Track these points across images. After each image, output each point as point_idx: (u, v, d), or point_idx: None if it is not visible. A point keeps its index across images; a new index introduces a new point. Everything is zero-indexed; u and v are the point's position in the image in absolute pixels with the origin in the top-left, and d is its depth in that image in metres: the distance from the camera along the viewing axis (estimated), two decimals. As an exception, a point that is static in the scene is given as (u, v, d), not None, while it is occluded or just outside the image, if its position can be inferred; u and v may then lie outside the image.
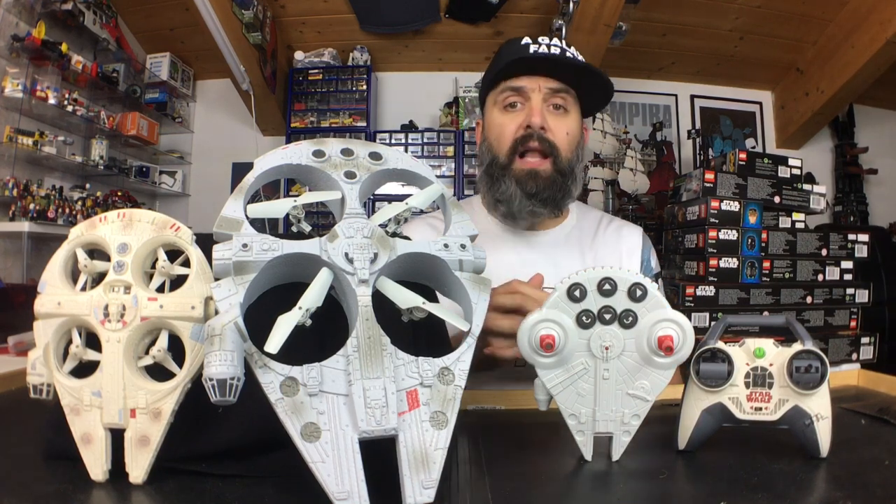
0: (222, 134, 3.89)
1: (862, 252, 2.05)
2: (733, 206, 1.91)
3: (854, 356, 1.97)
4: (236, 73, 3.23)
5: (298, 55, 3.71)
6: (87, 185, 3.15)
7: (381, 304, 0.51)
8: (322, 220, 3.02)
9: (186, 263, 0.54)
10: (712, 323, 1.39)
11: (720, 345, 0.57)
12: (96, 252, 0.55)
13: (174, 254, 0.55)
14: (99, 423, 0.50)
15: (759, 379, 0.56)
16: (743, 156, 2.01)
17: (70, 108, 2.83)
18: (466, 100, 3.71)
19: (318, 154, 0.58)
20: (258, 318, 0.48)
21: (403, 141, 3.63)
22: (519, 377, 0.94)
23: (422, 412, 0.48)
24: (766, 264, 1.93)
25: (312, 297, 0.49)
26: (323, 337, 0.52)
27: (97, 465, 0.50)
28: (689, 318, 0.79)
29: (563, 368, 0.55)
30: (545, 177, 0.96)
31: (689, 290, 1.84)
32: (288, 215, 0.55)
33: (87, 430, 0.50)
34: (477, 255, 0.57)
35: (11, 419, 0.67)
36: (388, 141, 3.61)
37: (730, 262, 1.89)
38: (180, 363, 0.51)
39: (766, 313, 1.84)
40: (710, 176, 1.94)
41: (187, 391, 0.51)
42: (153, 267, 0.54)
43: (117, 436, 0.50)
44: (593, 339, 0.55)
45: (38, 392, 0.52)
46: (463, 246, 0.57)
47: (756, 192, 1.98)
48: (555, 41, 0.98)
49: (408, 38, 3.62)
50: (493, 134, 1.01)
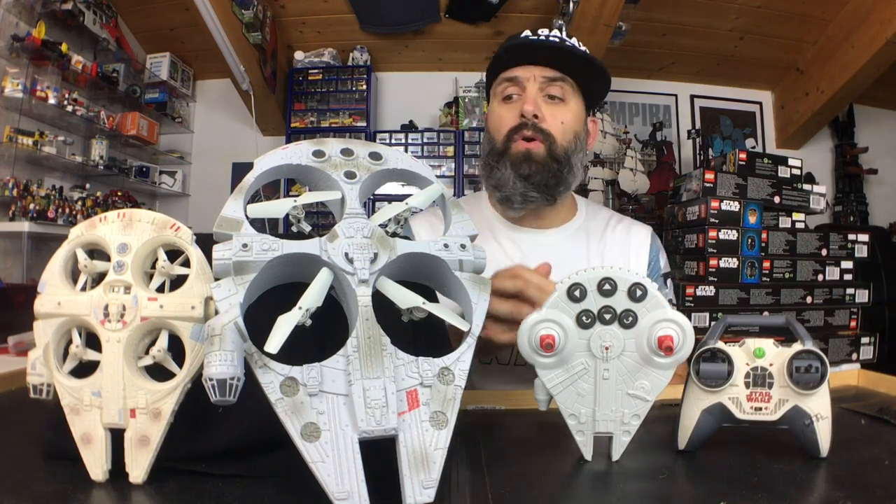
0: (222, 134, 3.89)
1: (862, 252, 2.05)
2: (733, 206, 1.91)
3: (854, 356, 1.97)
4: (236, 73, 3.23)
5: (298, 55, 3.71)
6: (87, 185, 3.15)
7: (381, 304, 0.51)
8: (322, 220, 3.02)
9: (186, 263, 0.54)
10: (712, 323, 1.39)
11: (720, 345, 0.57)
12: (96, 252, 0.55)
13: (174, 254, 0.55)
14: (99, 423, 0.50)
15: (759, 379, 0.56)
16: (743, 156, 2.01)
17: (70, 108, 2.82)
18: (466, 100, 3.71)
19: (318, 154, 0.58)
20: (258, 318, 0.48)
21: (403, 141, 3.63)
22: (520, 378, 0.94)
23: (422, 412, 0.48)
24: (766, 264, 1.93)
25: (312, 297, 0.49)
26: (323, 337, 0.52)
27: (97, 465, 0.50)
28: (689, 318, 0.79)
29: (563, 368, 0.55)
30: (538, 160, 0.97)
31: (689, 290, 1.84)
32: (288, 215, 0.55)
33: (87, 430, 0.50)
34: (477, 255, 0.57)
35: (11, 419, 0.67)
36: (388, 141, 3.61)
37: (730, 262, 1.89)
38: (180, 363, 0.51)
39: (766, 313, 1.84)
40: (710, 176, 1.94)
41: (187, 391, 0.51)
42: (153, 267, 0.54)
43: (117, 436, 0.50)
44: (593, 339, 0.55)
45: (38, 392, 0.52)
46: (463, 246, 0.57)
47: (756, 192, 1.98)
48: (555, 32, 1.00)
49: (408, 38, 3.62)
50: (493, 125, 1.04)
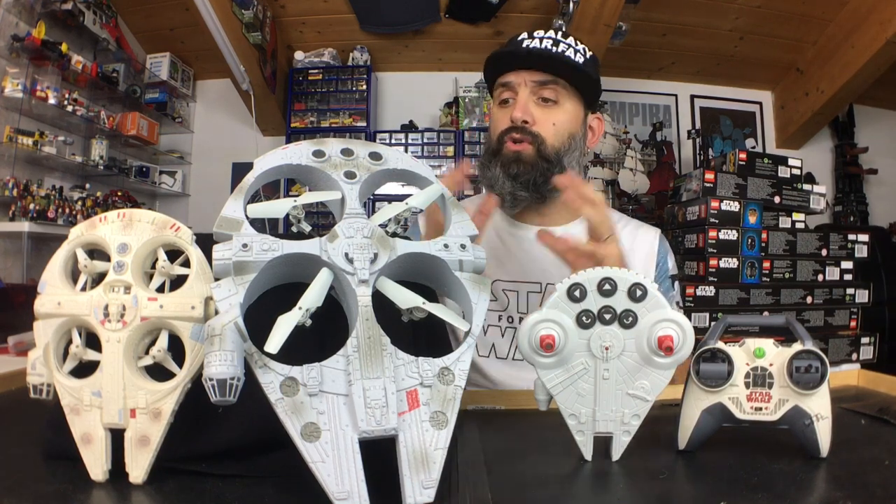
0: (222, 134, 3.89)
1: (862, 252, 2.05)
2: (733, 206, 1.91)
3: (854, 356, 1.97)
4: (236, 73, 3.23)
5: (298, 55, 3.71)
6: (87, 185, 3.15)
7: (381, 304, 0.51)
8: (322, 220, 3.02)
9: (186, 263, 0.54)
10: (712, 323, 1.39)
11: (720, 345, 0.57)
12: (96, 252, 0.55)
13: (174, 254, 0.55)
14: (99, 423, 0.50)
15: (759, 379, 0.56)
16: (743, 156, 2.01)
17: (70, 108, 2.82)
18: (466, 100, 3.70)
19: (318, 154, 0.58)
20: (258, 318, 0.48)
21: (403, 141, 3.63)
22: (519, 370, 0.96)
23: (422, 412, 0.48)
24: (766, 264, 1.93)
25: (312, 297, 0.49)
26: (323, 337, 0.52)
27: (97, 465, 0.50)
28: (689, 318, 0.79)
29: (563, 368, 0.55)
30: (527, 160, 0.99)
31: (689, 290, 1.84)
32: (288, 215, 0.55)
33: (87, 430, 0.50)
34: (477, 255, 0.57)
35: (11, 419, 0.67)
36: (388, 141, 3.61)
37: (730, 262, 1.89)
38: (180, 363, 0.51)
39: (766, 313, 1.84)
40: (710, 176, 1.94)
41: (187, 391, 0.51)
42: (153, 267, 0.54)
43: (117, 436, 0.50)
44: (593, 339, 0.55)
45: (38, 392, 0.52)
46: (463, 246, 0.57)
47: (756, 192, 1.98)
48: (549, 34, 1.01)
49: (408, 38, 3.62)
50: (491, 127, 1.09)
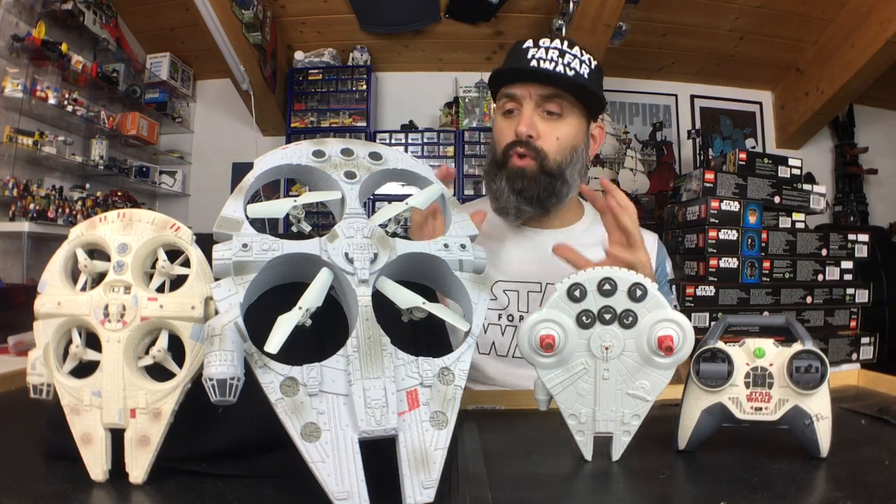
0: (222, 134, 3.89)
1: (862, 252, 2.05)
2: (733, 206, 1.90)
3: (854, 356, 1.97)
4: (236, 73, 3.23)
5: (298, 55, 3.70)
6: (87, 185, 3.14)
7: (381, 304, 0.51)
8: (322, 220, 3.02)
9: (186, 263, 0.54)
10: (712, 323, 1.39)
11: (720, 345, 0.57)
12: (96, 252, 0.55)
13: (174, 254, 0.55)
14: (99, 423, 0.50)
15: (759, 379, 0.56)
16: (743, 156, 2.01)
17: (70, 108, 2.82)
18: (466, 100, 3.70)
19: (318, 154, 0.58)
20: (258, 318, 0.48)
21: (403, 141, 3.62)
22: (518, 367, 0.97)
23: (422, 412, 0.48)
24: (766, 264, 1.93)
25: (312, 297, 0.49)
26: (323, 337, 0.52)
27: (97, 465, 0.50)
28: (689, 318, 0.79)
29: (563, 368, 0.55)
30: (530, 176, 1.01)
31: (689, 290, 1.84)
32: (288, 215, 0.55)
33: (87, 430, 0.50)
34: (477, 255, 0.57)
35: (11, 419, 0.67)
36: (388, 141, 3.61)
37: (730, 262, 1.89)
38: (180, 363, 0.51)
39: (766, 313, 1.84)
40: (710, 176, 1.94)
41: (187, 391, 0.51)
42: (153, 267, 0.54)
43: (117, 436, 0.50)
44: (593, 339, 0.55)
45: (38, 392, 0.52)
46: (463, 246, 0.57)
47: (756, 192, 1.98)
48: (555, 44, 1.00)
49: (408, 38, 3.62)
50: (495, 136, 1.08)
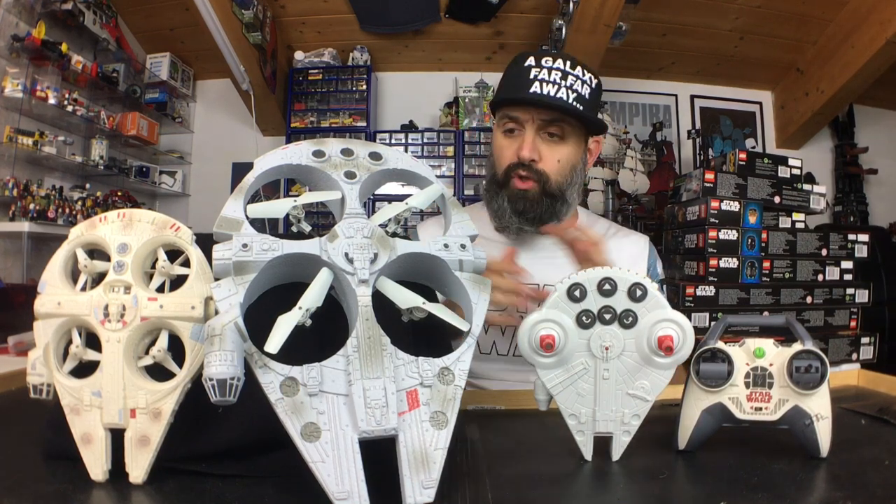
0: (222, 134, 3.89)
1: (862, 252, 2.04)
2: (733, 206, 1.90)
3: (854, 356, 1.97)
4: (236, 73, 3.23)
5: (298, 55, 3.70)
6: (87, 185, 3.14)
7: (381, 304, 0.51)
8: (322, 220, 3.02)
9: (186, 263, 0.54)
10: (712, 323, 1.39)
11: (720, 345, 0.57)
12: (96, 252, 0.55)
13: (174, 254, 0.55)
14: (99, 423, 0.50)
15: (759, 379, 0.56)
16: (743, 156, 2.01)
17: (70, 108, 2.82)
18: (466, 100, 3.70)
19: (318, 154, 0.58)
20: (258, 318, 0.48)
21: (403, 141, 3.62)
22: (519, 367, 0.97)
23: (422, 412, 0.48)
24: (766, 264, 1.93)
25: (312, 297, 0.49)
26: (323, 337, 0.52)
27: (97, 465, 0.50)
28: (689, 318, 0.79)
29: (563, 368, 0.55)
30: (532, 198, 1.02)
31: (689, 290, 1.84)
32: (288, 215, 0.55)
33: (87, 430, 0.50)
34: (477, 256, 0.57)
35: (11, 419, 0.67)
36: (388, 141, 3.61)
37: (730, 262, 1.88)
38: (180, 363, 0.51)
39: (766, 313, 1.84)
40: (710, 176, 1.94)
41: (187, 391, 0.51)
42: (153, 267, 0.54)
43: (117, 436, 0.50)
44: (593, 339, 0.55)
45: (38, 392, 0.52)
46: (463, 246, 0.57)
47: (756, 192, 1.97)
48: (557, 64, 0.99)
49: (408, 38, 3.62)
50: (496, 153, 1.09)
